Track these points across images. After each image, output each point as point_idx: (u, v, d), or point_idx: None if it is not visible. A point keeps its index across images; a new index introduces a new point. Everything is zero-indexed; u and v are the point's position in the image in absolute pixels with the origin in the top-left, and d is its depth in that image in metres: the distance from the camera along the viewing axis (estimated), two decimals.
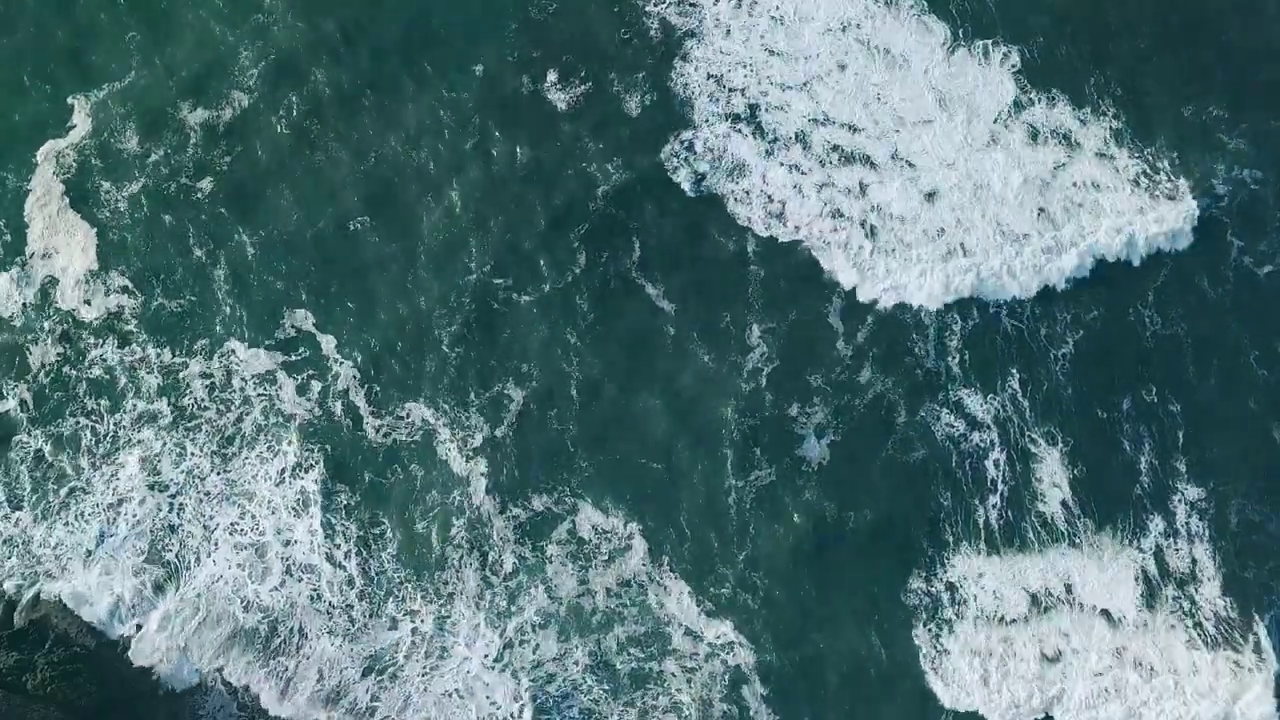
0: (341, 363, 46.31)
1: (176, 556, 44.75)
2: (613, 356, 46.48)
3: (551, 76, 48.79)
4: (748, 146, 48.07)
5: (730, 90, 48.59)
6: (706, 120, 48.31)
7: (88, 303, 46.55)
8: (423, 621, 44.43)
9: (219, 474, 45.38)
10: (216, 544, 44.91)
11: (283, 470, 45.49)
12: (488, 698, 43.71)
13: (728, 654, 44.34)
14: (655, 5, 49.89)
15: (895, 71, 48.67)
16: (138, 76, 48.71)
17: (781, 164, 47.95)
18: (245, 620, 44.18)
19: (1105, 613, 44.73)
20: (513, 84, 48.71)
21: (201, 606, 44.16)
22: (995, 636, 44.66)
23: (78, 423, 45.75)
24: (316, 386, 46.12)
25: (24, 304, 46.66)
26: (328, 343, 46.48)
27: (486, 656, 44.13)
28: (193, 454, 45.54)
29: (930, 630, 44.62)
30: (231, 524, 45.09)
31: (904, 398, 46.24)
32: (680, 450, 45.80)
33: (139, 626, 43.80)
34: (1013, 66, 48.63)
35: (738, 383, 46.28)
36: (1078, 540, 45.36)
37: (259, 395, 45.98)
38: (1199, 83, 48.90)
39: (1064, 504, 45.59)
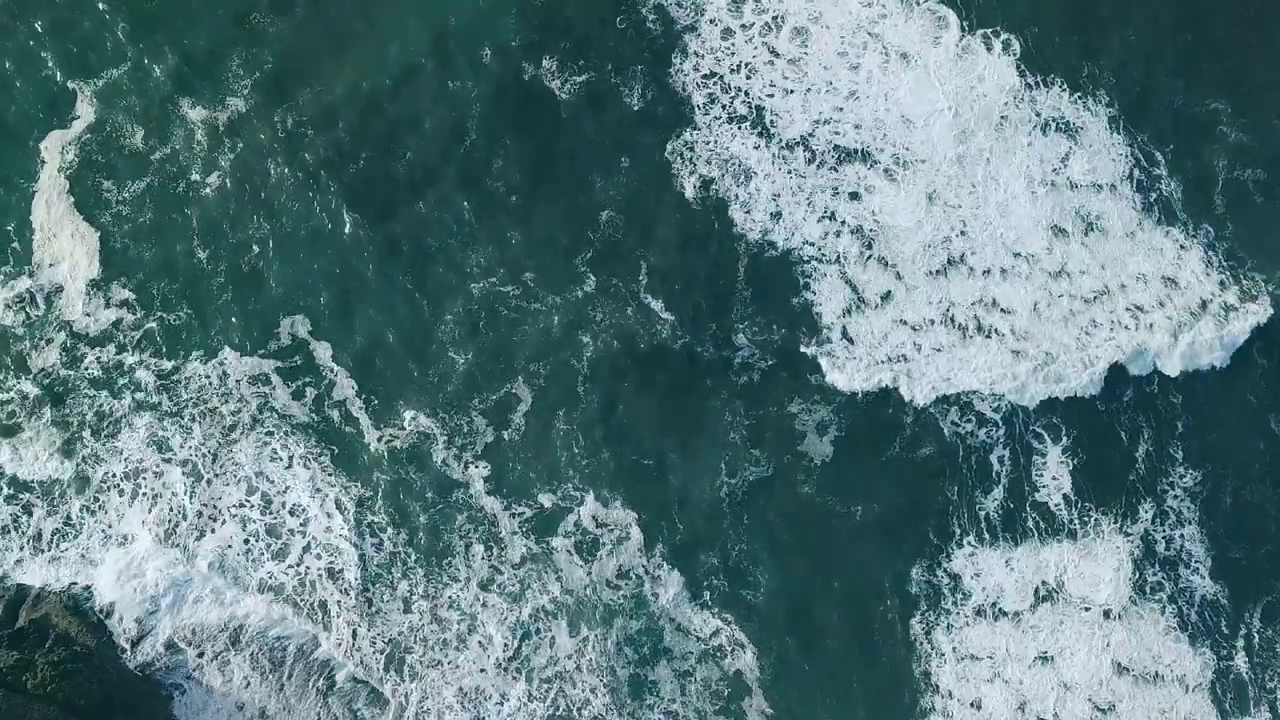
0: (337, 370, 46.07)
1: (187, 537, 44.87)
2: (616, 353, 46.55)
3: (553, 65, 48.32)
4: (749, 148, 48.05)
5: (734, 90, 48.41)
6: (708, 122, 48.31)
7: (89, 315, 46.27)
8: (435, 608, 44.53)
9: (223, 455, 45.39)
10: (224, 521, 45.01)
11: (289, 458, 45.61)
12: (498, 697, 43.94)
13: (726, 652, 44.63)
14: None
15: (903, 67, 48.48)
16: (137, 67, 48.05)
17: (783, 167, 47.90)
18: (258, 602, 44.31)
19: (1103, 609, 45.07)
20: (514, 75, 48.29)
21: (217, 586, 44.40)
22: (993, 633, 44.70)
23: (81, 413, 45.59)
24: (312, 394, 45.92)
25: (26, 312, 46.36)
26: (323, 349, 46.16)
27: (506, 647, 44.24)
28: (201, 434, 45.55)
29: (926, 624, 44.93)
30: (239, 502, 45.22)
31: (908, 395, 46.45)
32: (682, 447, 46.00)
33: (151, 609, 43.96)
34: (1014, 55, 48.62)
35: (739, 380, 46.41)
36: (1077, 531, 45.53)
37: (254, 394, 45.83)
38: (1197, 78, 49.18)
39: (1065, 496, 45.85)
